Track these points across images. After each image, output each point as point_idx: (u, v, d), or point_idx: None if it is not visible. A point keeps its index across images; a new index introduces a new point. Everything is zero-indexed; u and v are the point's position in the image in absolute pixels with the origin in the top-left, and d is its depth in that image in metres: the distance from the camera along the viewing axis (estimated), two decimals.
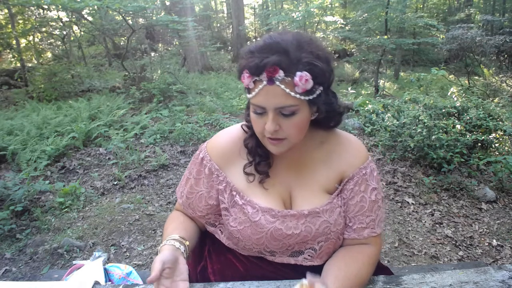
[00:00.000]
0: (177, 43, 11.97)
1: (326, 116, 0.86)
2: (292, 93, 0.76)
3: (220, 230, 1.00)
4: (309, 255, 0.92)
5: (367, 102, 5.49)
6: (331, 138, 0.95)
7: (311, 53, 0.77)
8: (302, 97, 0.77)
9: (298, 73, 0.74)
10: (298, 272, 0.90)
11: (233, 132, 0.97)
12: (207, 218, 0.99)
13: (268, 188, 0.91)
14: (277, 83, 0.75)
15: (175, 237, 0.89)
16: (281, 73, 0.74)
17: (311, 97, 0.78)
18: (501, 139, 3.68)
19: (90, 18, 8.83)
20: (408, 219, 2.81)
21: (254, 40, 13.86)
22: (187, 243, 0.90)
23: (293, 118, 0.79)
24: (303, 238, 0.89)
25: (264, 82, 0.76)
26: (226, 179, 0.92)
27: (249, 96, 0.81)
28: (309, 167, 0.93)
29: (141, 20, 8.70)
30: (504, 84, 7.32)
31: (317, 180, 0.92)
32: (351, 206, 0.92)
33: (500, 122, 3.63)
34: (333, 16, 12.23)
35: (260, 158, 0.91)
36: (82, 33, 11.08)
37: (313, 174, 0.93)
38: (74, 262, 1.44)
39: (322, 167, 0.93)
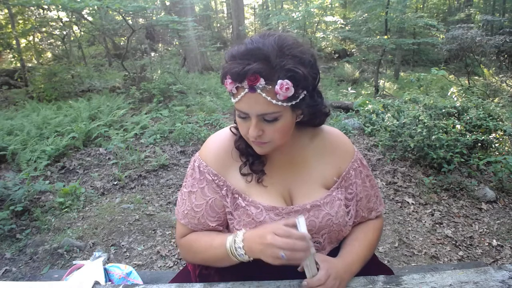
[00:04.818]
0: (177, 43, 11.97)
1: (311, 117, 0.88)
2: (274, 101, 0.76)
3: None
4: (315, 249, 0.92)
5: (367, 102, 5.48)
6: (319, 134, 0.98)
7: (293, 59, 0.76)
8: (284, 104, 0.77)
9: (279, 81, 0.74)
10: None
11: (222, 136, 0.98)
12: (223, 225, 0.95)
13: (267, 186, 0.92)
14: (258, 91, 0.75)
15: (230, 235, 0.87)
16: (262, 82, 0.74)
17: (293, 103, 0.79)
18: (501, 139, 3.67)
19: (90, 18, 8.84)
20: (408, 219, 2.81)
21: None
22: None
23: (276, 123, 0.80)
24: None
25: (246, 90, 0.76)
26: (226, 183, 0.92)
27: (233, 100, 0.81)
28: (304, 164, 0.95)
29: (141, 20, 8.72)
30: (504, 84, 7.32)
31: (313, 176, 0.94)
32: (359, 201, 0.99)
33: (500, 122, 3.62)
34: (333, 16, 12.25)
35: (252, 157, 0.92)
36: (82, 33, 11.07)
37: (308, 171, 0.95)
38: (74, 262, 1.44)
39: (316, 163, 0.96)
